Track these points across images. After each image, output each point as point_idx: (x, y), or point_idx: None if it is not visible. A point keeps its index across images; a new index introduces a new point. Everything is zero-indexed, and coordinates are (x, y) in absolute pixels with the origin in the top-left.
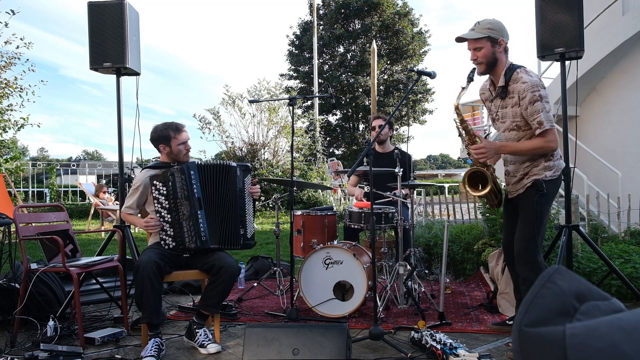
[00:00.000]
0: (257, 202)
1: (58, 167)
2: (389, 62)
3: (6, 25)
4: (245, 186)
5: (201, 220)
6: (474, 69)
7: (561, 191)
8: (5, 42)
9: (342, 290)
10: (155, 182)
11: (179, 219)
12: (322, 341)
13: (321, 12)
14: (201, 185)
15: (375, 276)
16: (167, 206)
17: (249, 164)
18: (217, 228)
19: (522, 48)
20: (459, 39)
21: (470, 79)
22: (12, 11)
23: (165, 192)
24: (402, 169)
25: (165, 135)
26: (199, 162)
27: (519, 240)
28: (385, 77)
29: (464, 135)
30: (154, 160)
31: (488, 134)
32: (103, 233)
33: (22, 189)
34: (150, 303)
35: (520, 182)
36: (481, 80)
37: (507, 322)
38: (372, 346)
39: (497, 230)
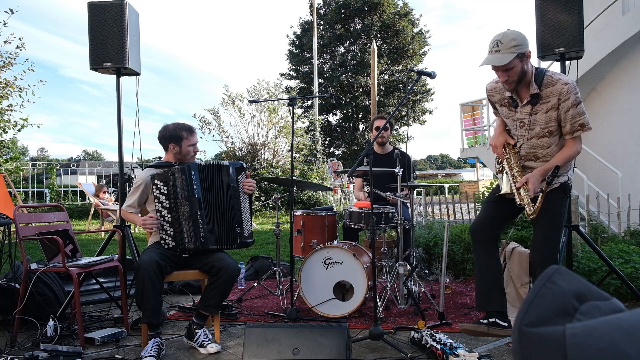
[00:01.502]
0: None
1: (58, 167)
2: (389, 62)
3: (5, 24)
4: (239, 185)
5: (201, 220)
6: None
7: None
8: (5, 42)
9: (342, 290)
10: (156, 181)
11: (178, 219)
12: (322, 341)
13: (322, 11)
14: (201, 185)
15: (375, 276)
16: (168, 206)
17: (242, 163)
18: (215, 228)
19: None
20: (488, 65)
21: None
22: (11, 10)
23: (165, 192)
24: (402, 169)
25: (178, 134)
26: (200, 162)
27: (545, 243)
28: (386, 77)
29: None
30: (153, 160)
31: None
32: (103, 233)
33: (22, 189)
34: (150, 303)
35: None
36: (485, 77)
37: (481, 321)
38: (372, 346)
39: None
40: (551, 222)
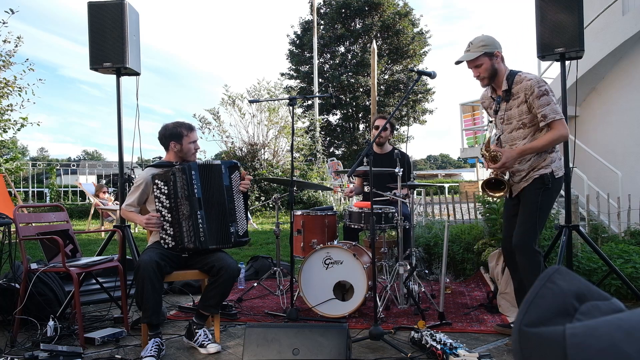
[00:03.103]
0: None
1: (58, 167)
2: (389, 62)
3: (4, 23)
4: (232, 183)
5: (201, 220)
6: None
7: (561, 191)
8: (4, 41)
9: (342, 290)
10: (157, 180)
11: (179, 219)
12: (322, 341)
13: (322, 11)
14: (201, 185)
15: (375, 276)
16: (168, 205)
17: (236, 162)
18: (213, 227)
19: (522, 48)
20: (459, 62)
21: None
22: (12, 10)
23: (166, 191)
24: (402, 169)
25: (178, 132)
26: (198, 161)
27: (518, 229)
28: (386, 77)
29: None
30: (153, 160)
31: (498, 138)
32: (103, 233)
33: (22, 189)
34: (150, 303)
35: (527, 177)
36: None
37: (511, 325)
38: (372, 346)
39: (497, 230)
40: (524, 213)
